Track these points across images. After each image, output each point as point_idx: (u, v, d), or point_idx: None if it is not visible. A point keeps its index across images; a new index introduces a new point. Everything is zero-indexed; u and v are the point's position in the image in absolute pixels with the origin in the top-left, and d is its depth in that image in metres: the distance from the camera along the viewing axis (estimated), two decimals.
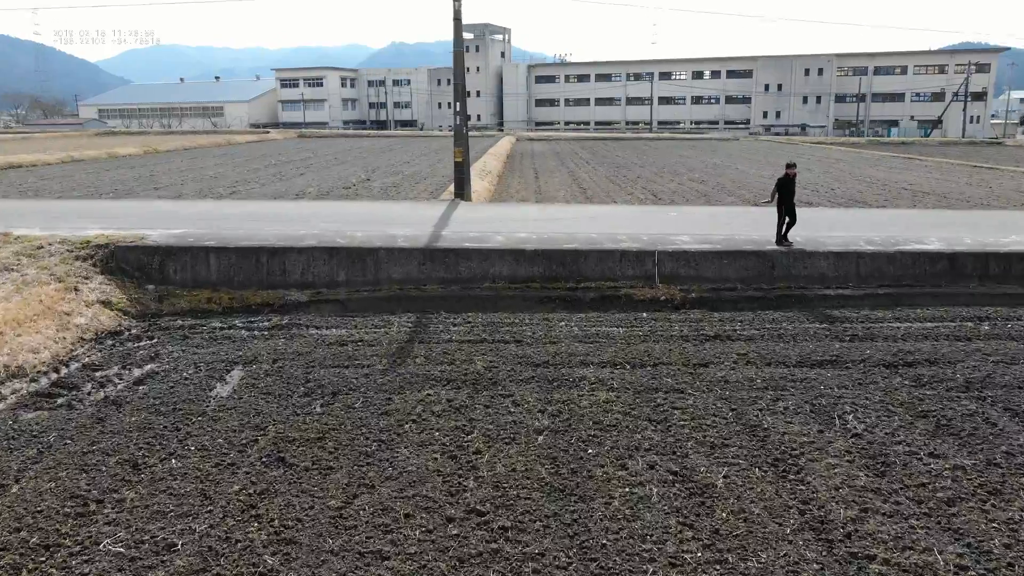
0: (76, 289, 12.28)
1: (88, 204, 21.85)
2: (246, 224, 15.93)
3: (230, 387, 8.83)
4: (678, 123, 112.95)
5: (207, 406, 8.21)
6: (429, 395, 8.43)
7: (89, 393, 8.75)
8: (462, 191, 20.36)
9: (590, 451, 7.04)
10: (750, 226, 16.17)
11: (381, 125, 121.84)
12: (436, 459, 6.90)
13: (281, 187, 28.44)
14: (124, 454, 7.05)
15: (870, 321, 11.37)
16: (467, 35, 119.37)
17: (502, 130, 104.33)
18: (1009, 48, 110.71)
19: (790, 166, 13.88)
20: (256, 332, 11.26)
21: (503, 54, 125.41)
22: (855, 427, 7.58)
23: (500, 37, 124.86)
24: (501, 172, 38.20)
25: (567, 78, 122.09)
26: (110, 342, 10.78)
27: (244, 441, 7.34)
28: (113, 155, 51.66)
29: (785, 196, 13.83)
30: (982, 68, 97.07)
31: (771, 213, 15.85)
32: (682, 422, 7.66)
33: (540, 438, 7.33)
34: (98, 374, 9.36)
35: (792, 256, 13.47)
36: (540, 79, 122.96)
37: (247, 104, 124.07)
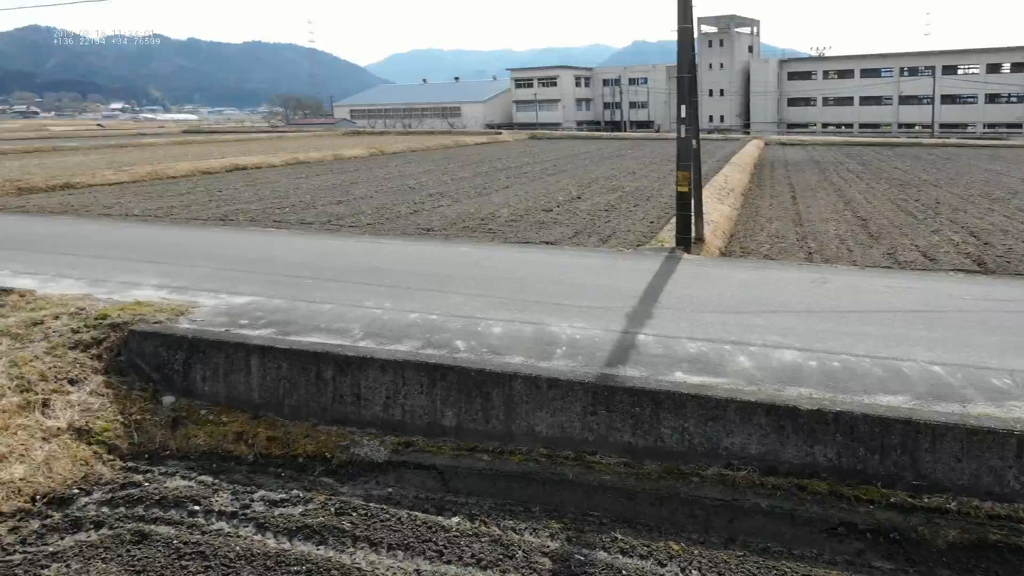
0: (46, 404, 7.81)
1: (216, 236, 18.39)
2: (359, 286, 10.83)
3: None
4: (966, 126, 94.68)
5: None
6: None
7: None
8: (688, 234, 13.85)
9: None
10: None
11: (615, 126, 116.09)
12: None
13: (471, 206, 23.68)
14: None
15: None
16: (709, 28, 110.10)
17: (748, 133, 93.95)
18: None
19: None
20: (266, 538, 5.93)
21: (751, 48, 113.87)
22: None
23: (747, 30, 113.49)
24: (747, 189, 30.76)
25: (825, 74, 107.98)
26: (33, 524, 6.03)
27: None
28: (339, 157, 50.85)
29: None
30: None
31: None
32: None
33: None
34: None
35: None
36: (793, 75, 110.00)
37: (483, 105, 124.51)
